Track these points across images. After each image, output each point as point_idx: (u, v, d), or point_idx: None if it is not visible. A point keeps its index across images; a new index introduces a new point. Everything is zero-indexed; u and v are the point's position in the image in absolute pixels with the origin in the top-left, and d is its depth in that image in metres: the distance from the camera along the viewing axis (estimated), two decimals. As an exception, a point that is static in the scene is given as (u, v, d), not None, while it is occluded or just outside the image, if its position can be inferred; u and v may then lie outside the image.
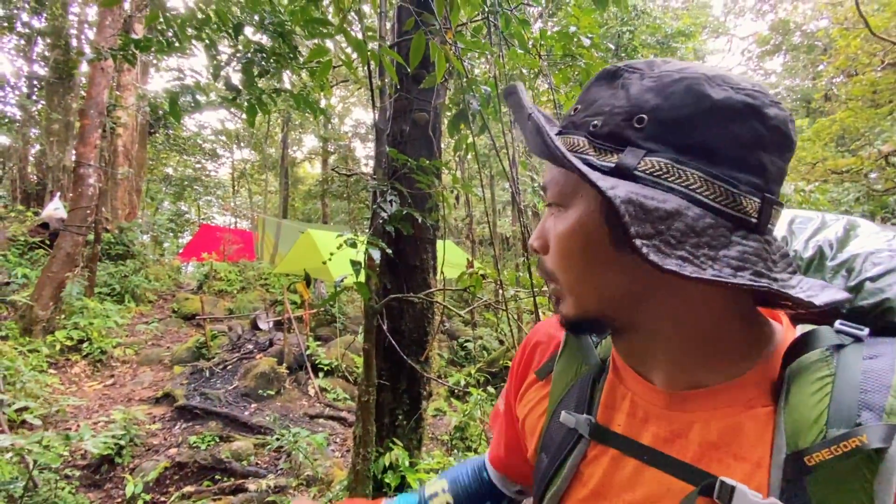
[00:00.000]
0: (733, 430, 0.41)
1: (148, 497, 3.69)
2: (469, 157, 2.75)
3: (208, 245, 10.91)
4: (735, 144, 0.38)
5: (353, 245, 1.77)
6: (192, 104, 2.44)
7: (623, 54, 7.87)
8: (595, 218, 0.42)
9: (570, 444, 0.51)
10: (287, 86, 2.49)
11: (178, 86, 2.46)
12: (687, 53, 9.46)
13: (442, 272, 2.74)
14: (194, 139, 16.33)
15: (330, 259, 2.19)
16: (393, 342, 2.59)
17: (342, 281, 1.73)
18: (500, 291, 2.49)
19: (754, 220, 0.38)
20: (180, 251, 12.84)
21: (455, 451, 3.77)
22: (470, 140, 2.54)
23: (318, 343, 6.95)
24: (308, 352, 6.33)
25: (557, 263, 0.46)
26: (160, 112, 9.87)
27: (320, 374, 6.23)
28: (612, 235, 0.41)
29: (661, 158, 0.38)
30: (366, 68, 2.25)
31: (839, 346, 0.39)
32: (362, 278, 1.83)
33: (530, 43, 2.29)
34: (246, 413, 5.17)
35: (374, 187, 1.91)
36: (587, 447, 0.50)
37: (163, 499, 3.75)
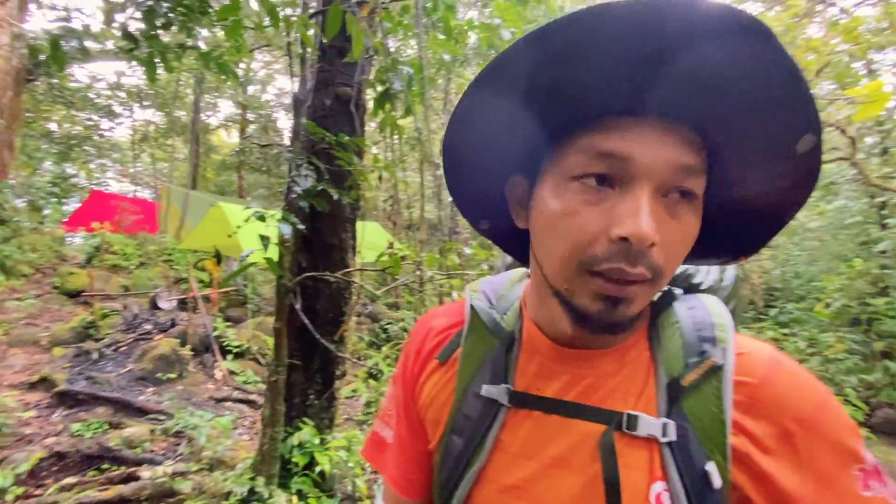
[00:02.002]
0: (630, 375, 0.50)
1: (20, 490, 3.30)
2: (404, 138, 2.73)
3: (100, 214, 9.72)
4: None
5: (262, 219, 1.70)
6: (80, 51, 2.16)
7: (549, 52, 8.19)
8: (701, 207, 0.45)
9: (489, 416, 0.52)
10: (198, 42, 2.28)
11: (62, 28, 2.15)
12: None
13: (360, 253, 2.72)
14: (85, 92, 14.26)
15: (236, 233, 2.08)
16: (306, 321, 2.54)
17: (248, 256, 1.66)
18: (420, 273, 2.55)
19: None
20: (65, 220, 11.30)
21: (365, 425, 3.81)
22: (397, 121, 2.53)
23: (228, 324, 6.56)
24: (216, 333, 5.96)
25: (674, 260, 0.44)
26: (41, 57, 8.50)
27: (229, 357, 5.90)
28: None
29: None
30: (286, 34, 2.14)
31: (671, 303, 0.52)
32: (272, 254, 1.76)
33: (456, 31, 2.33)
34: (141, 398, 4.77)
35: (289, 160, 1.84)
36: (506, 415, 0.52)
37: (38, 492, 3.37)
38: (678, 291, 0.55)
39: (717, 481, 0.43)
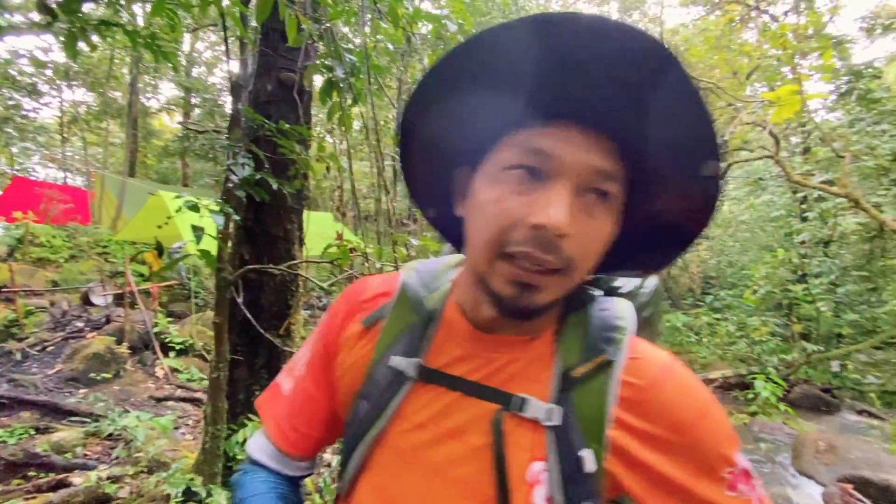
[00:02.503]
0: (532, 363, 0.53)
1: (-72, 505, 3.01)
2: (355, 127, 2.67)
3: (24, 203, 8.92)
4: None
5: (195, 208, 1.62)
6: (-9, 23, 1.96)
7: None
8: (620, 209, 0.49)
9: (395, 386, 0.55)
10: (125, 18, 2.13)
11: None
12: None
13: (305, 244, 2.65)
14: (4, 69, 12.91)
15: (167, 223, 1.97)
16: (249, 316, 2.46)
17: (180, 248, 1.58)
18: (367, 264, 2.52)
19: None
20: (-18, 208, 10.27)
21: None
22: (343, 110, 2.47)
23: (171, 320, 6.23)
24: (156, 329, 5.65)
25: (587, 256, 0.47)
26: (-54, 26, 7.60)
27: (171, 354, 5.62)
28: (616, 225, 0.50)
29: None
30: (222, 16, 2.03)
31: (587, 302, 0.56)
32: (210, 247, 1.69)
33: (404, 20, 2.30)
34: (72, 400, 4.46)
35: (227, 148, 1.77)
36: (411, 387, 0.55)
37: (-48, 505, 3.09)
38: (597, 293, 0.58)
39: (590, 466, 0.47)
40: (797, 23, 6.56)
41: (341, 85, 2.28)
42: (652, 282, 0.68)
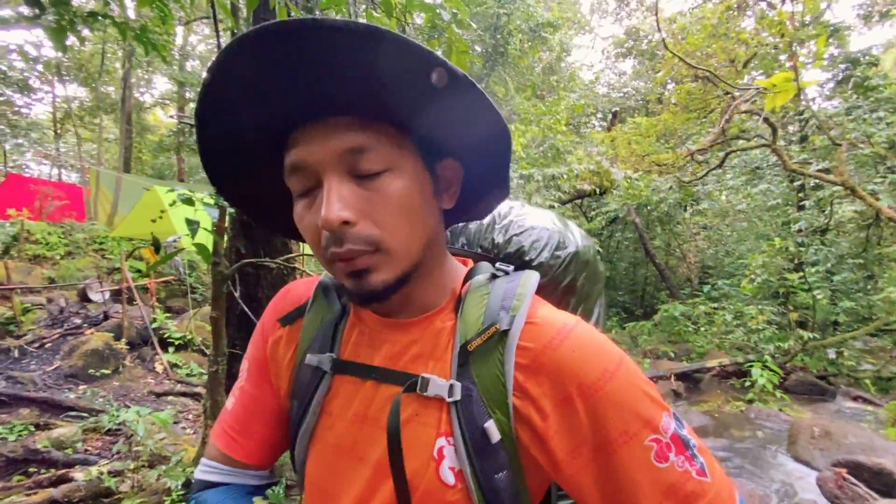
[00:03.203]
0: (433, 342, 0.54)
1: (-71, 502, 3.02)
2: None
3: (18, 200, 8.86)
4: None
5: (189, 202, 1.61)
6: (-23, 17, 1.93)
7: (498, 35, 8.19)
8: (423, 172, 0.50)
9: (314, 382, 0.57)
10: (115, 11, 2.09)
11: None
12: (555, 44, 10.25)
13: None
14: (-7, 64, 12.75)
15: (161, 217, 1.96)
16: (247, 310, 2.46)
17: (174, 243, 1.57)
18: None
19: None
20: (-24, 206, 10.20)
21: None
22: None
23: (169, 315, 6.23)
24: (155, 325, 5.65)
25: (392, 226, 0.47)
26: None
27: (170, 349, 5.62)
28: (434, 185, 0.52)
29: None
30: (213, 7, 2.00)
31: (494, 276, 0.57)
32: (205, 240, 1.68)
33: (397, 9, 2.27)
34: (71, 396, 4.47)
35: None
36: (331, 382, 0.57)
37: (-47, 503, 3.10)
38: (508, 268, 0.58)
39: (494, 436, 0.48)
40: (794, 10, 6.52)
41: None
42: (568, 249, 0.68)
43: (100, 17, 1.68)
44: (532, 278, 0.56)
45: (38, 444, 3.63)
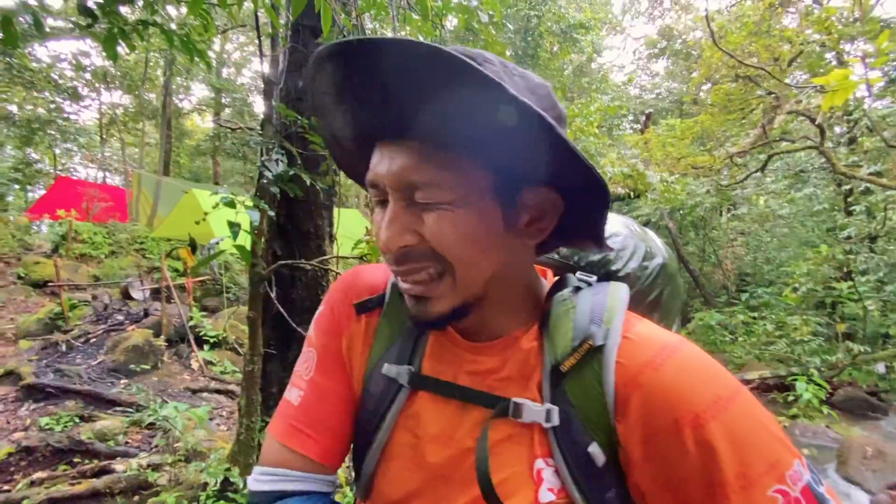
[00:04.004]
0: (521, 362, 0.51)
1: (-15, 487, 3.19)
2: None
3: (67, 201, 9.35)
4: None
5: (231, 205, 1.64)
6: (36, 28, 2.03)
7: (529, 38, 8.13)
8: (492, 207, 0.46)
9: (389, 395, 0.54)
10: (163, 19, 2.17)
11: (15, 2, 2.02)
12: (586, 46, 10.11)
13: (335, 240, 2.67)
14: (46, 72, 13.52)
15: (204, 220, 2.01)
16: (282, 310, 2.49)
17: (217, 244, 1.60)
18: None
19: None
20: (29, 207, 10.83)
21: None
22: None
23: (204, 314, 6.42)
24: (191, 323, 5.83)
25: (451, 257, 0.46)
26: (-4, 34, 7.99)
27: (206, 347, 5.79)
28: (505, 220, 0.47)
29: None
30: (256, 13, 2.05)
31: (577, 289, 0.53)
32: (244, 241, 1.71)
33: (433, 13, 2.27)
34: (114, 390, 4.65)
35: (260, 144, 1.78)
36: (407, 396, 0.54)
37: (7, 487, 3.26)
38: (591, 279, 0.55)
39: (600, 459, 0.45)
40: (843, 5, 6.20)
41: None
42: (656, 261, 0.64)
43: (150, 25, 1.74)
44: (621, 290, 0.52)
45: (83, 436, 3.79)
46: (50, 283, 6.42)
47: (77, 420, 4.09)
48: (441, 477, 0.51)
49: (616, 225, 0.65)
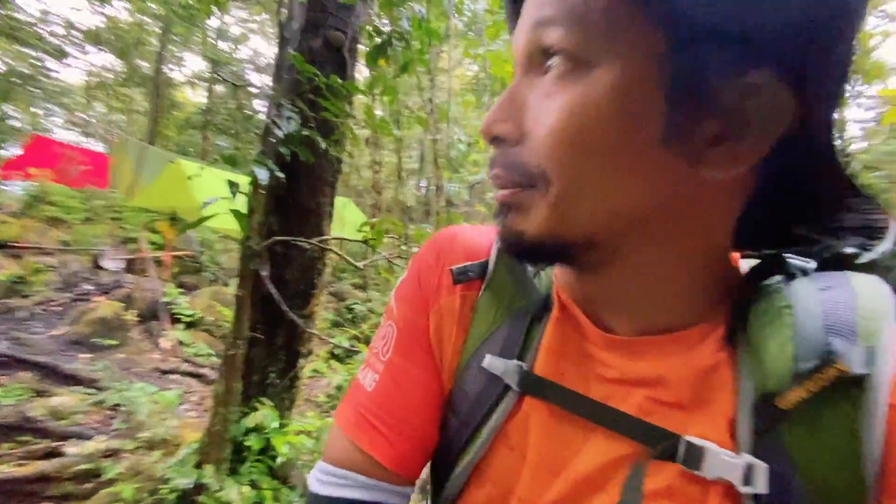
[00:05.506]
0: (698, 380, 0.34)
1: (-85, 463, 2.86)
2: (385, 99, 2.47)
3: (43, 161, 8.86)
4: None
5: (233, 161, 1.41)
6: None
7: None
8: (647, 86, 0.29)
9: (490, 398, 0.40)
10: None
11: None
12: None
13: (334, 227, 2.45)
14: (33, 27, 12.85)
15: (192, 179, 1.77)
16: (274, 291, 2.26)
17: (211, 203, 1.36)
18: (405, 247, 2.31)
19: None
20: (2, 164, 10.28)
21: (332, 411, 3.58)
22: (389, 80, 2.26)
23: (181, 291, 6.09)
24: (166, 299, 5.50)
25: (557, 154, 0.31)
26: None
27: (180, 326, 5.47)
28: (669, 118, 0.29)
29: None
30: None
31: (791, 276, 0.36)
32: (239, 207, 1.48)
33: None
34: (74, 364, 4.31)
35: (272, 98, 1.55)
36: (515, 401, 0.39)
37: (-61, 465, 2.94)
38: (810, 264, 0.36)
39: None
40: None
41: (388, 51, 2.07)
42: None
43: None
44: (880, 287, 0.33)
45: (35, 412, 3.47)
46: (12, 245, 6.00)
47: (30, 394, 3.77)
48: None
49: None
